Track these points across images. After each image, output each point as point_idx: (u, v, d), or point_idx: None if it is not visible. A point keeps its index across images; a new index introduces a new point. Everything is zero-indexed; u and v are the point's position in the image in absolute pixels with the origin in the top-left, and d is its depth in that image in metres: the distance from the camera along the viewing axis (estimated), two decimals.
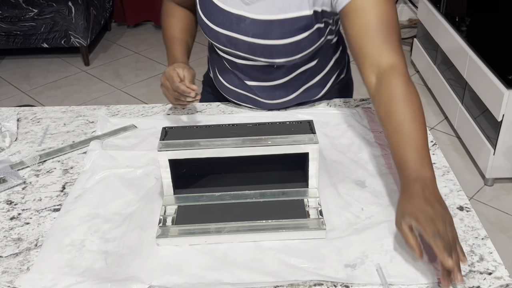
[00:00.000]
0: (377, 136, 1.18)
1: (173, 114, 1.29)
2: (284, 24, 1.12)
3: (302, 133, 0.97)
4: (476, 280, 0.82)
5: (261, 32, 1.14)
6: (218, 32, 1.18)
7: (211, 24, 1.18)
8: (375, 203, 0.98)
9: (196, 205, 0.96)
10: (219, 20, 1.17)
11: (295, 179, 1.01)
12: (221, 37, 1.19)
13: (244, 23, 1.14)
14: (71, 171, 1.10)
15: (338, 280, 0.82)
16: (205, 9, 1.19)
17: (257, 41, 1.15)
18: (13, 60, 3.69)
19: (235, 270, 0.84)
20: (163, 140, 0.95)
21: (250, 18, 1.14)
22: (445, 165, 1.09)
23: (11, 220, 0.97)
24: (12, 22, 3.39)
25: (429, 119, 2.84)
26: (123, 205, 0.99)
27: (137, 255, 0.87)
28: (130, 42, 3.97)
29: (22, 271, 0.86)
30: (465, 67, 2.44)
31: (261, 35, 1.14)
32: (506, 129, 2.15)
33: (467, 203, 0.99)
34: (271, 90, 1.25)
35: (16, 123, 1.26)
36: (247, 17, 1.14)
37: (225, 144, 0.94)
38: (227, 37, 1.18)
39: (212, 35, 1.20)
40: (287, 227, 0.90)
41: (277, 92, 1.26)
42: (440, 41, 2.78)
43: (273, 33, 1.13)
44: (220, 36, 1.18)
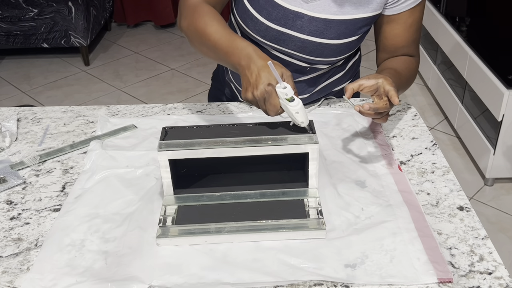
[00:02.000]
0: (377, 136, 1.18)
1: (173, 114, 1.29)
2: (342, 24, 1.15)
3: (302, 133, 0.97)
4: (476, 280, 0.82)
5: (318, 30, 1.15)
6: (269, 27, 1.16)
7: (262, 18, 1.16)
8: (375, 203, 0.98)
9: (196, 205, 0.96)
10: (273, 16, 1.15)
11: (295, 179, 1.01)
12: (271, 32, 1.17)
13: (301, 20, 1.15)
14: (71, 171, 1.10)
15: (338, 280, 0.82)
16: (256, 4, 1.16)
17: (312, 39, 1.16)
18: (13, 60, 3.69)
19: (235, 270, 0.84)
20: (163, 140, 0.95)
21: (309, 15, 1.14)
22: (445, 165, 1.09)
23: (11, 220, 0.97)
24: (12, 22, 3.39)
25: (429, 119, 2.84)
26: (123, 205, 0.99)
27: (137, 255, 0.87)
28: (130, 42, 3.97)
29: (22, 271, 0.86)
30: (465, 67, 2.44)
31: (317, 34, 1.15)
32: (506, 129, 2.15)
33: (467, 203, 0.99)
34: None
35: (16, 123, 1.26)
36: (306, 14, 1.14)
37: (225, 144, 0.94)
38: (278, 33, 1.17)
39: (259, 29, 1.17)
40: (287, 227, 0.90)
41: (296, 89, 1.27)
42: (440, 41, 2.78)
43: (331, 32, 1.15)
44: (270, 31, 1.17)
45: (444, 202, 0.99)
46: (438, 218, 0.95)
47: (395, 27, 1.19)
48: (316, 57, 1.20)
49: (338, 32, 1.15)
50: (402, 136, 1.19)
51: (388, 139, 1.18)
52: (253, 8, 1.16)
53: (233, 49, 1.00)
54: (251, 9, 1.17)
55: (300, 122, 0.95)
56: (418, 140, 1.18)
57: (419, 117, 1.26)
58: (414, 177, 1.06)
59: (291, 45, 1.18)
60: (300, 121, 0.95)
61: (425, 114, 2.88)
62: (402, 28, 1.19)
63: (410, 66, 1.22)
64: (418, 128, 1.22)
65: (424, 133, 1.20)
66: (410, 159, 1.11)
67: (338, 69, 1.30)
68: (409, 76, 1.21)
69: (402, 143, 1.17)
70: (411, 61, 1.23)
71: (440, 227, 0.93)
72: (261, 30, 1.17)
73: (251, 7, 1.17)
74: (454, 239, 0.90)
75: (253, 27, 1.18)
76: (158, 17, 4.11)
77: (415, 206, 0.97)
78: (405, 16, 1.18)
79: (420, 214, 0.95)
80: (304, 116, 0.95)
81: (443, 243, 0.89)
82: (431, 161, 1.10)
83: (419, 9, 1.18)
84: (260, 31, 1.18)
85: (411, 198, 0.99)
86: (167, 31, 4.15)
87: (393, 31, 1.20)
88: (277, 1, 1.14)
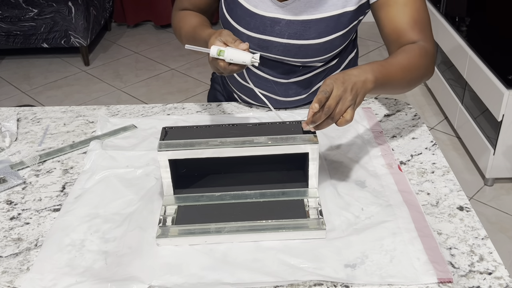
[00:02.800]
0: (377, 136, 1.18)
1: (173, 114, 1.29)
2: (321, 23, 1.13)
3: (302, 133, 0.97)
4: (476, 280, 0.82)
5: (297, 33, 1.14)
6: (250, 36, 1.17)
7: (242, 28, 1.17)
8: (375, 203, 0.98)
9: (196, 205, 0.96)
10: (251, 25, 1.16)
11: (295, 179, 1.01)
12: (253, 41, 1.18)
13: (279, 25, 1.14)
14: (71, 171, 1.10)
15: (338, 280, 0.82)
16: (234, 14, 1.17)
17: (293, 42, 1.15)
18: (13, 60, 3.69)
19: (235, 270, 0.84)
20: (163, 140, 0.96)
21: (286, 19, 1.13)
22: (445, 165, 1.09)
23: (11, 220, 0.97)
24: (12, 22, 3.39)
25: (429, 119, 2.84)
26: (123, 205, 0.99)
27: (137, 255, 0.87)
28: (130, 42, 3.97)
29: (22, 271, 0.86)
30: (465, 67, 2.44)
31: (297, 36, 1.14)
32: (506, 129, 2.15)
33: (467, 203, 0.99)
34: (287, 86, 1.26)
35: (16, 123, 1.26)
36: (282, 18, 1.13)
37: (225, 144, 0.94)
38: (259, 41, 1.17)
39: (241, 38, 1.18)
40: (287, 227, 0.90)
41: (292, 90, 1.26)
42: (440, 41, 2.78)
43: (310, 33, 1.14)
44: (251, 39, 1.17)
45: (444, 202, 0.99)
46: (438, 218, 0.95)
47: (388, 10, 1.10)
48: (302, 59, 1.19)
49: (318, 31, 1.13)
50: (402, 136, 1.19)
51: (388, 139, 1.18)
52: (232, 19, 1.18)
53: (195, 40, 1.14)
54: (230, 20, 1.18)
55: (242, 62, 0.99)
56: (418, 140, 1.18)
57: (419, 117, 1.26)
58: (414, 177, 1.06)
59: (274, 50, 1.18)
60: (242, 62, 0.99)
61: (425, 114, 2.88)
62: (395, 9, 1.08)
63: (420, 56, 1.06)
64: (418, 128, 1.22)
65: (424, 133, 1.20)
66: (410, 159, 1.11)
67: (333, 68, 1.29)
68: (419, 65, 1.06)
69: (402, 143, 1.17)
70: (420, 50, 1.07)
71: (440, 227, 0.93)
72: (243, 39, 1.18)
73: (230, 18, 1.18)
74: (454, 239, 0.90)
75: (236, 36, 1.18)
76: (158, 17, 4.11)
77: (415, 206, 0.97)
78: None
79: (420, 214, 0.95)
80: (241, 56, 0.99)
81: (443, 243, 0.89)
82: (431, 161, 1.10)
83: None
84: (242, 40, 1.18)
85: (411, 198, 0.99)
86: (167, 31, 4.15)
87: (388, 15, 1.10)
88: (253, 10, 1.14)
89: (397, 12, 1.09)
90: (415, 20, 1.09)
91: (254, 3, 1.15)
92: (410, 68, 1.05)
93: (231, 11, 1.18)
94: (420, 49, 1.07)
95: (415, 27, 1.09)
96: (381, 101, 1.33)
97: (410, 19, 1.09)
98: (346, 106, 0.90)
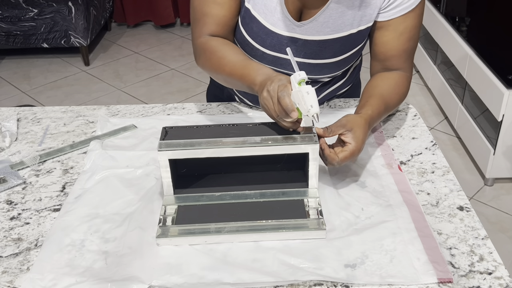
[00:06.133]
0: (377, 136, 1.18)
1: (173, 114, 1.29)
2: (337, 43, 1.13)
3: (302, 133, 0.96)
4: (476, 280, 0.82)
5: (313, 52, 1.14)
6: (265, 53, 1.16)
7: (257, 45, 1.16)
8: (375, 203, 0.98)
9: (196, 205, 0.96)
10: (267, 43, 1.14)
11: (295, 179, 1.01)
12: (267, 58, 1.17)
13: (295, 44, 1.14)
14: (71, 171, 1.10)
15: (338, 280, 0.82)
16: (250, 30, 1.15)
17: (308, 61, 1.15)
18: (13, 60, 3.69)
19: (235, 270, 0.84)
20: (163, 140, 0.95)
21: (303, 39, 1.13)
22: (445, 165, 1.09)
23: (11, 220, 0.97)
24: (12, 22, 3.39)
25: (429, 119, 2.84)
26: (123, 205, 0.99)
27: (137, 255, 0.87)
28: (130, 42, 3.97)
29: (22, 271, 0.86)
30: (465, 67, 2.44)
31: (313, 56, 1.14)
32: (506, 129, 2.15)
33: (467, 203, 0.99)
34: None
35: (16, 123, 1.26)
36: (299, 38, 1.13)
37: (225, 144, 0.94)
38: (274, 58, 1.17)
39: (255, 54, 1.17)
40: (287, 227, 0.90)
41: None
42: (440, 41, 2.78)
43: (326, 52, 1.14)
44: (266, 56, 1.17)
45: (444, 202, 0.99)
46: (438, 218, 0.95)
47: (385, 34, 1.14)
48: (315, 76, 1.20)
49: (333, 51, 1.14)
50: (402, 136, 1.19)
51: (388, 139, 1.18)
52: (248, 35, 1.16)
53: (248, 71, 1.03)
54: (246, 36, 1.16)
55: (309, 106, 0.88)
56: (418, 140, 1.18)
57: (419, 117, 1.26)
58: (414, 177, 1.06)
59: (289, 68, 1.17)
60: (310, 105, 0.88)
61: (425, 114, 2.88)
62: (392, 35, 1.13)
63: (400, 90, 1.16)
64: (418, 128, 1.22)
65: (424, 133, 1.20)
66: (410, 159, 1.11)
67: (339, 78, 1.29)
68: (398, 101, 1.17)
69: (402, 143, 1.17)
70: (402, 83, 1.16)
71: (440, 227, 0.93)
72: (257, 55, 1.18)
73: (246, 34, 1.16)
74: (454, 239, 0.90)
75: (250, 52, 1.19)
76: (158, 17, 4.11)
77: (415, 206, 0.97)
78: (396, 23, 1.12)
79: (420, 214, 0.95)
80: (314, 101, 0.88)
81: (443, 243, 0.89)
82: (431, 161, 1.10)
83: (413, 17, 1.11)
84: (256, 57, 1.18)
85: (411, 198, 0.99)
86: (167, 31, 4.15)
87: (383, 38, 1.14)
88: (270, 28, 1.13)
89: (392, 38, 1.14)
90: (405, 50, 1.15)
91: (272, 21, 1.12)
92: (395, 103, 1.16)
93: (247, 26, 1.15)
94: (403, 80, 1.17)
95: (403, 55, 1.16)
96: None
97: (400, 48, 1.15)
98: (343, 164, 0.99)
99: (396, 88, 1.15)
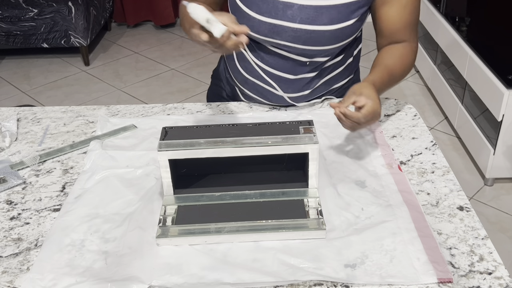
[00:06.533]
0: (377, 136, 1.18)
1: (173, 114, 1.30)
2: (334, 9, 1.14)
3: (302, 133, 0.96)
4: (476, 280, 0.82)
5: (309, 18, 1.15)
6: (261, 21, 1.17)
7: (253, 13, 1.17)
8: (375, 203, 0.98)
9: (196, 205, 0.96)
10: (262, 9, 1.16)
11: (295, 179, 1.01)
12: (263, 26, 1.18)
13: (291, 9, 1.15)
14: (71, 171, 1.10)
15: (338, 280, 0.82)
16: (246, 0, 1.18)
17: (305, 27, 1.16)
18: (13, 60, 3.69)
19: (235, 270, 0.84)
20: (163, 140, 0.96)
21: (299, 4, 1.14)
22: (445, 165, 1.09)
23: (11, 220, 0.97)
24: (12, 22, 3.39)
25: (429, 119, 2.84)
26: (123, 205, 0.99)
27: (137, 255, 0.87)
28: (130, 42, 3.97)
29: (22, 271, 0.86)
30: (465, 67, 2.44)
31: (309, 21, 1.15)
32: (506, 129, 2.15)
33: (467, 203, 0.99)
34: (292, 82, 1.26)
35: (16, 123, 1.26)
36: (295, 3, 1.14)
37: (225, 144, 0.94)
38: (270, 26, 1.17)
39: (252, 25, 1.18)
40: (287, 227, 0.90)
41: (296, 85, 1.26)
42: (440, 41, 2.78)
43: (322, 19, 1.15)
44: (262, 25, 1.18)
45: (444, 202, 0.99)
46: (438, 218, 0.95)
47: (389, 9, 1.18)
48: (312, 46, 1.19)
49: (330, 18, 1.15)
50: (402, 136, 1.19)
51: (388, 139, 1.18)
52: (244, 5, 1.18)
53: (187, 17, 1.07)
54: (242, 5, 1.18)
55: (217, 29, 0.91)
56: (418, 140, 1.18)
57: (419, 117, 1.26)
58: (414, 177, 1.06)
59: (285, 36, 1.18)
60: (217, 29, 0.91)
61: (425, 114, 2.88)
62: (396, 9, 1.18)
63: (405, 60, 1.21)
64: (418, 128, 1.22)
65: (424, 133, 1.20)
66: (410, 159, 1.11)
67: (338, 64, 1.29)
68: (403, 71, 1.22)
69: (402, 143, 1.17)
70: (407, 53, 1.22)
71: (440, 227, 0.93)
72: (254, 25, 1.18)
73: (241, 3, 1.18)
74: (454, 239, 0.90)
75: (246, 23, 1.18)
76: (158, 17, 4.11)
77: (415, 206, 0.97)
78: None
79: (420, 214, 0.95)
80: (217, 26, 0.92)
81: (443, 243, 0.89)
82: (431, 161, 1.10)
83: None
84: (253, 27, 1.18)
85: (411, 198, 0.99)
86: (167, 31, 4.15)
87: (388, 13, 1.19)
88: None
89: (396, 12, 1.19)
90: (409, 22, 1.20)
91: None
92: (400, 73, 1.21)
93: None
94: (408, 50, 1.22)
95: (407, 27, 1.21)
96: (381, 101, 1.33)
97: (405, 20, 1.20)
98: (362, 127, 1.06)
99: (400, 58, 1.21)
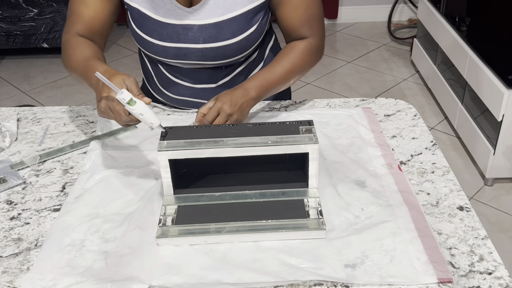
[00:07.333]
0: (377, 136, 1.18)
1: (173, 114, 1.30)
2: (233, 22, 1.15)
3: (302, 133, 0.96)
4: (476, 280, 0.82)
5: (212, 36, 1.15)
6: (165, 47, 1.18)
7: (155, 40, 1.18)
8: (375, 203, 0.98)
9: (196, 205, 0.96)
10: (163, 35, 1.17)
11: (295, 179, 1.01)
12: (169, 51, 1.18)
13: (192, 31, 1.15)
14: (71, 171, 1.10)
15: (338, 280, 0.82)
16: (145, 28, 1.18)
17: (209, 45, 1.16)
18: (13, 60, 3.69)
19: (235, 270, 0.84)
20: (163, 140, 0.96)
21: (198, 24, 1.15)
22: (445, 165, 1.09)
23: (11, 220, 0.97)
24: (12, 22, 3.39)
25: (429, 119, 2.84)
26: (123, 205, 0.99)
27: (137, 255, 0.87)
28: (130, 42, 3.97)
29: (22, 271, 0.86)
30: (465, 67, 2.44)
31: (212, 39, 1.16)
32: (506, 129, 2.15)
33: (467, 203, 0.99)
34: (218, 90, 1.25)
35: (16, 123, 1.26)
36: (194, 24, 1.15)
37: (225, 144, 0.94)
38: (175, 50, 1.18)
39: (157, 51, 1.20)
40: (287, 227, 0.90)
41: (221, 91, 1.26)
42: (440, 41, 2.78)
43: (224, 34, 1.15)
44: (167, 50, 1.18)
45: (444, 202, 0.99)
46: (438, 218, 0.95)
47: (283, 9, 1.19)
48: (222, 60, 1.20)
49: (231, 31, 1.15)
50: (402, 136, 1.19)
51: (388, 139, 1.18)
52: (145, 34, 1.18)
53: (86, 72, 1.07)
54: (143, 35, 1.19)
55: (150, 123, 0.94)
56: (418, 140, 1.18)
57: (419, 117, 1.26)
58: (414, 177, 1.06)
59: (193, 57, 1.19)
60: (150, 123, 0.93)
61: (425, 114, 2.88)
62: (289, 9, 1.18)
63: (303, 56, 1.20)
64: (418, 128, 1.22)
65: (424, 133, 1.20)
66: (410, 159, 1.11)
67: (256, 61, 1.30)
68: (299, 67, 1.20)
69: (402, 143, 1.17)
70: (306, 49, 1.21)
71: (440, 227, 0.93)
72: (159, 52, 1.19)
73: (142, 32, 1.19)
74: (454, 239, 0.90)
75: (152, 50, 1.20)
76: None
77: (415, 206, 0.97)
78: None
79: (420, 214, 0.95)
80: (152, 117, 0.93)
81: (443, 243, 0.89)
82: (431, 161, 1.10)
83: None
84: (159, 53, 1.20)
85: (411, 198, 0.99)
86: None
87: (283, 13, 1.19)
88: (163, 20, 1.15)
89: (290, 11, 1.19)
90: (306, 19, 1.20)
91: (162, 13, 1.15)
92: (294, 70, 1.20)
93: (141, 26, 1.18)
94: (306, 47, 1.22)
95: (305, 24, 1.20)
96: (381, 101, 1.33)
97: (300, 18, 1.19)
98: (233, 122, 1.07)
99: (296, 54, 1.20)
